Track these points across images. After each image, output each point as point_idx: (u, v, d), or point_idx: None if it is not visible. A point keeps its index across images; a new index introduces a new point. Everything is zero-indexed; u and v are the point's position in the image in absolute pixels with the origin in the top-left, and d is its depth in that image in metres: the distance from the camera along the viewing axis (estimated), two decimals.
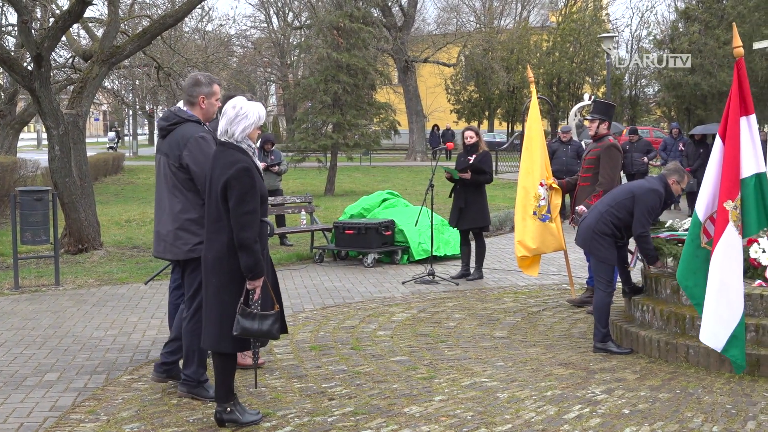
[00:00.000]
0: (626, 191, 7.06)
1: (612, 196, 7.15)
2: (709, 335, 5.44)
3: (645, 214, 6.86)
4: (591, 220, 7.11)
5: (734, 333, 5.27)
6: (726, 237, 5.33)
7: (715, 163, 5.58)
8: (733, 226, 5.30)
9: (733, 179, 5.30)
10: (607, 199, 7.19)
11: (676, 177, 7.01)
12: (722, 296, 5.34)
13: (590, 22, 40.69)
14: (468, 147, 10.24)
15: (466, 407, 5.46)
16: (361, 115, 23.02)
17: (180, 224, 5.55)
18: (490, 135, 47.70)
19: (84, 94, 12.35)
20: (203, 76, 5.75)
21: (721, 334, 5.33)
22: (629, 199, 6.92)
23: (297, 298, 9.18)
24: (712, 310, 5.40)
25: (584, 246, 7.29)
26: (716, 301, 5.39)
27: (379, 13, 36.27)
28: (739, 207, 5.28)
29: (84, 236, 11.93)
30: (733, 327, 5.26)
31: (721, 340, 5.35)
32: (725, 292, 5.33)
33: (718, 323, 5.35)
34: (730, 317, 5.28)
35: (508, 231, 15.07)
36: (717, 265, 5.38)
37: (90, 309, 8.66)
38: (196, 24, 31.88)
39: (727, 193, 5.33)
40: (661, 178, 7.04)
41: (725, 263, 5.34)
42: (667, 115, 37.46)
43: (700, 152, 17.25)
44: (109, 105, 49.94)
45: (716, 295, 5.38)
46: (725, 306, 5.32)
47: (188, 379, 5.60)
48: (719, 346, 5.37)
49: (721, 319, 5.34)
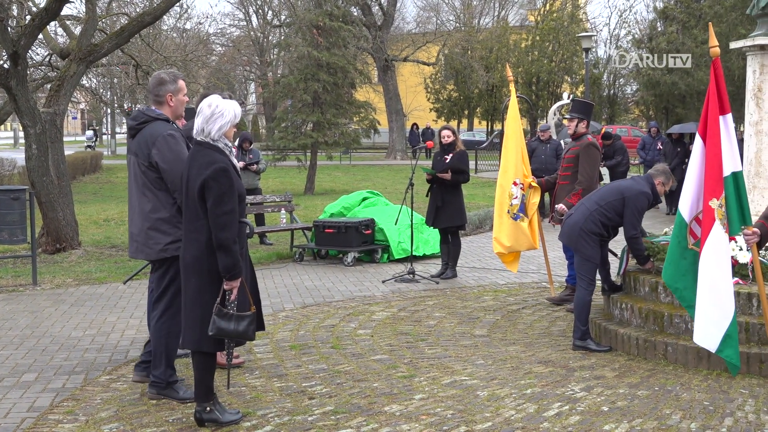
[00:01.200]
0: (616, 192, 7.06)
1: (601, 195, 7.16)
2: (703, 336, 5.42)
3: (635, 217, 6.93)
4: (578, 217, 7.11)
5: (727, 332, 5.26)
6: (714, 236, 5.31)
7: (696, 162, 5.60)
8: (719, 224, 5.30)
9: (717, 177, 5.31)
10: (595, 198, 7.19)
11: (663, 179, 7.06)
12: (714, 296, 5.33)
13: (569, 21, 40.85)
14: (445, 146, 10.27)
15: (446, 405, 5.47)
16: (341, 114, 23.00)
17: (151, 224, 5.53)
18: (470, 134, 47.82)
19: (61, 92, 12.26)
20: (167, 74, 5.74)
21: (715, 334, 5.32)
22: (619, 201, 6.96)
23: (277, 297, 9.16)
24: (704, 311, 5.38)
25: (570, 243, 7.29)
26: (708, 301, 5.37)
27: (359, 11, 36.26)
28: (723, 205, 5.29)
29: (62, 235, 11.84)
30: (726, 326, 5.25)
31: (715, 340, 5.33)
32: (716, 292, 5.31)
33: (711, 323, 5.34)
34: (722, 317, 5.27)
35: (488, 230, 15.11)
36: (707, 265, 5.35)
37: (68, 309, 8.60)
38: (174, 22, 31.69)
39: (711, 191, 5.33)
40: (648, 179, 7.08)
41: (715, 263, 5.31)
42: (646, 114, 37.70)
43: (678, 151, 17.43)
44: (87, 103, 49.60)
45: (708, 296, 5.36)
46: (717, 306, 5.30)
47: (157, 380, 5.56)
48: (713, 346, 5.36)
49: (713, 319, 5.32)
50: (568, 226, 7.23)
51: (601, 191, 7.29)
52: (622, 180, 7.57)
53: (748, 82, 7.76)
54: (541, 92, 41.77)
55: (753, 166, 7.64)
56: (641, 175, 7.49)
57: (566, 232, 7.24)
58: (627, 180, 7.57)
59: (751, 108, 7.66)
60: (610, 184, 7.53)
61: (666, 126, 25.73)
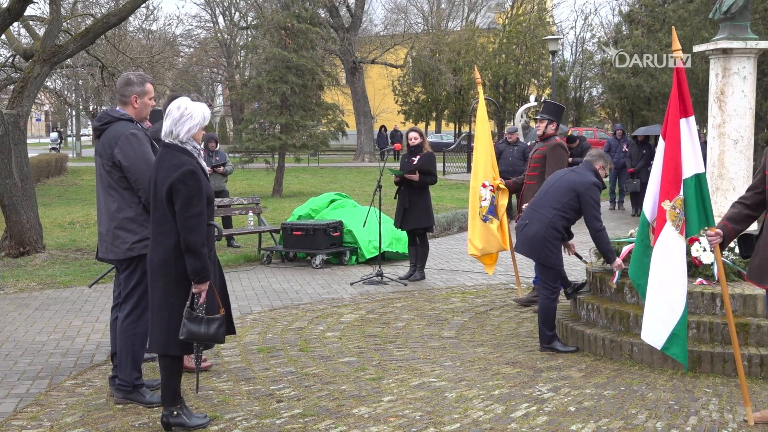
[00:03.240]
0: (567, 190, 6.93)
1: (553, 198, 6.97)
2: (649, 333, 5.53)
3: (595, 209, 6.87)
4: (538, 227, 6.93)
5: (674, 331, 5.36)
6: (664, 236, 5.42)
7: (659, 164, 5.68)
8: (671, 225, 5.39)
9: (672, 180, 5.39)
10: (548, 202, 6.99)
11: (602, 162, 7.07)
12: (661, 294, 5.43)
13: (535, 25, 41.14)
14: (412, 148, 10.29)
15: (414, 407, 5.48)
16: (309, 116, 22.93)
17: (117, 223, 5.51)
18: (438, 136, 47.95)
19: (25, 93, 12.11)
20: (135, 76, 5.74)
21: (661, 332, 5.42)
22: (574, 198, 6.92)
23: (245, 300, 9.12)
24: (651, 308, 5.49)
25: (532, 255, 7.11)
26: (655, 299, 5.48)
27: (327, 13, 36.19)
28: (678, 207, 5.37)
29: (25, 239, 11.69)
30: (673, 325, 5.35)
31: (661, 338, 5.43)
32: (664, 290, 5.41)
33: (658, 321, 5.44)
34: (670, 316, 5.37)
35: (456, 231, 15.17)
36: (656, 264, 5.47)
37: (32, 313, 8.49)
38: (140, 23, 31.49)
39: (665, 193, 5.43)
40: (589, 167, 7.01)
41: (663, 262, 5.43)
42: (611, 117, 38.01)
43: (643, 153, 17.65)
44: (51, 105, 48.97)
45: (656, 294, 5.47)
46: (665, 304, 5.40)
47: (123, 383, 5.51)
48: (659, 344, 5.46)
49: (660, 317, 5.43)
50: (527, 238, 7.02)
51: (549, 193, 7.05)
52: (562, 173, 7.27)
53: (711, 85, 7.86)
54: (508, 95, 42.01)
55: (716, 168, 7.73)
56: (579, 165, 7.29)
57: (527, 244, 7.03)
58: (569, 173, 7.21)
59: (714, 111, 7.76)
60: (553, 181, 7.21)
61: (631, 128, 25.97)
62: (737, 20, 7.76)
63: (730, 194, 7.55)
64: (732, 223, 5.32)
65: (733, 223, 5.32)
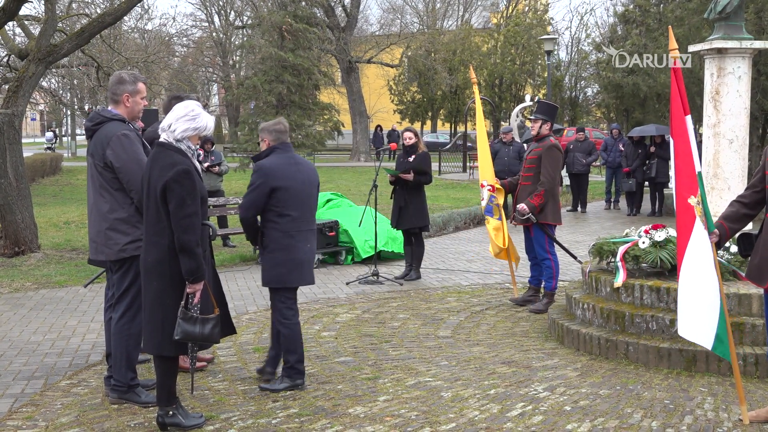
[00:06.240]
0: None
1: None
2: (692, 332, 5.19)
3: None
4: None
5: (717, 332, 5.17)
6: (696, 233, 5.24)
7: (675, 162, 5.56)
8: (699, 221, 5.28)
9: (690, 175, 5.30)
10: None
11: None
12: (701, 293, 5.20)
13: (532, 25, 41.15)
14: (407, 148, 10.29)
15: (410, 407, 5.48)
16: (306, 116, 22.95)
17: (109, 224, 5.50)
18: (433, 135, 47.95)
19: (20, 93, 12.08)
20: (127, 75, 5.72)
21: (708, 332, 5.17)
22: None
23: (240, 300, 9.11)
24: (691, 306, 5.20)
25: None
26: (694, 297, 5.23)
27: (322, 13, 36.18)
28: (700, 203, 5.27)
29: (21, 239, 11.67)
30: (716, 326, 5.15)
31: (709, 338, 5.21)
32: (703, 289, 5.18)
33: (700, 320, 5.19)
34: (712, 315, 5.14)
35: (451, 231, 15.18)
36: (691, 262, 5.23)
37: (27, 313, 8.47)
38: (135, 23, 31.39)
39: (688, 189, 5.28)
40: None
41: (699, 260, 5.22)
42: (607, 117, 38.03)
43: (639, 152, 17.71)
44: (46, 105, 48.87)
45: (694, 292, 5.22)
46: (705, 303, 5.18)
47: (118, 384, 5.50)
48: (708, 344, 5.22)
49: (702, 316, 5.19)
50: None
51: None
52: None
53: (706, 85, 7.88)
54: (503, 94, 42.02)
55: (711, 167, 7.76)
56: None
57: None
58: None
59: (709, 110, 7.78)
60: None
61: (627, 128, 25.98)
62: (732, 20, 7.78)
63: (725, 194, 7.58)
64: (729, 222, 5.31)
65: (730, 222, 5.31)
